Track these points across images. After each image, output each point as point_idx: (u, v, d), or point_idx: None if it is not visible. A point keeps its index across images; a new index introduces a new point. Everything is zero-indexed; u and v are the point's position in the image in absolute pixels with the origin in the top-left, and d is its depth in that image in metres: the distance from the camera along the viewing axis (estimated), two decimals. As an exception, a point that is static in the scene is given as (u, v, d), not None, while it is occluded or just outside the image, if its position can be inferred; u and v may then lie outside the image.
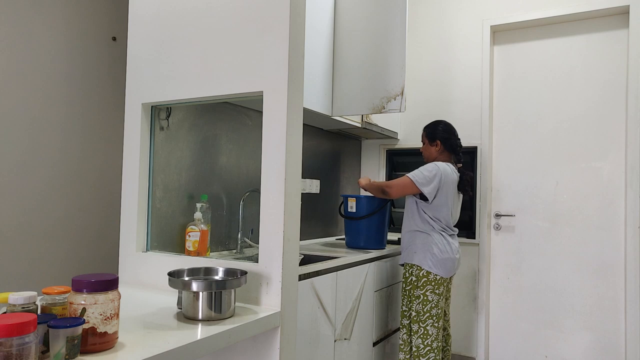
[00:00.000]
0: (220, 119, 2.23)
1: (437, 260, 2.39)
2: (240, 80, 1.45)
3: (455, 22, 3.38)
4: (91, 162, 1.88)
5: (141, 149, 1.67)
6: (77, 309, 0.93)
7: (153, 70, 1.63)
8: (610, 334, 2.92)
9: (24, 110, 1.67)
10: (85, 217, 1.86)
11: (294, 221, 1.41)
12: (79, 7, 1.84)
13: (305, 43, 2.33)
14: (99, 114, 1.91)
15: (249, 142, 2.42)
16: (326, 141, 3.23)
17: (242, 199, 2.28)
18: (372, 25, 2.66)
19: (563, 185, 3.09)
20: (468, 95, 3.31)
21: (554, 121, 3.13)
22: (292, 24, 1.38)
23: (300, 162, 1.43)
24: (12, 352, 0.74)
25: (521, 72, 3.25)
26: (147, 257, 1.62)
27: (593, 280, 2.97)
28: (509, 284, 3.21)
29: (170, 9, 1.61)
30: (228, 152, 2.29)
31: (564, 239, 3.06)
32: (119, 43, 1.97)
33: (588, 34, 3.07)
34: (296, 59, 1.40)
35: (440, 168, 2.42)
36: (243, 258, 2.13)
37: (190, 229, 1.85)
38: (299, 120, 1.43)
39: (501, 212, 3.26)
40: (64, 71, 1.79)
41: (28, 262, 1.67)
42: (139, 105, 1.67)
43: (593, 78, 3.04)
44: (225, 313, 1.22)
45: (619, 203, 2.93)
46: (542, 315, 3.09)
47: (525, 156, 3.21)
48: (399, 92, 2.57)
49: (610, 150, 2.97)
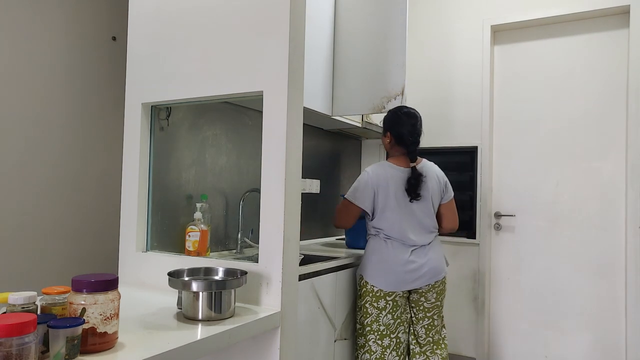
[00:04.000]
0: (220, 119, 2.23)
1: (374, 270, 2.12)
2: (240, 80, 1.45)
3: (455, 21, 3.38)
4: (91, 162, 1.88)
5: (141, 148, 1.67)
6: (77, 309, 0.92)
7: (153, 70, 1.63)
8: (610, 334, 2.92)
9: (24, 110, 1.67)
10: (85, 217, 1.86)
11: (294, 221, 1.40)
12: (79, 7, 1.84)
13: (306, 42, 2.33)
14: (99, 113, 1.91)
15: (249, 142, 2.42)
16: (326, 141, 3.23)
17: (242, 199, 2.28)
18: (372, 24, 2.66)
19: (563, 185, 3.08)
20: (468, 95, 3.31)
21: (555, 121, 3.13)
22: (292, 23, 1.38)
23: (300, 162, 1.43)
24: (12, 352, 0.73)
25: (521, 72, 3.25)
26: (147, 257, 1.62)
27: (593, 281, 2.97)
28: (509, 284, 3.20)
29: (170, 8, 1.61)
30: (228, 152, 2.28)
31: (564, 239, 3.06)
32: (119, 43, 1.97)
33: (588, 34, 3.07)
34: (296, 58, 1.40)
35: (369, 174, 2.14)
36: (243, 258, 2.13)
37: (190, 229, 1.85)
38: (299, 120, 1.43)
39: (501, 212, 3.26)
40: (64, 71, 1.79)
41: (28, 262, 1.67)
42: (139, 105, 1.66)
43: (593, 78, 3.04)
44: (225, 313, 1.22)
45: (620, 203, 2.93)
46: (542, 316, 3.09)
47: (525, 156, 3.21)
48: (399, 92, 2.57)
49: (611, 150, 2.97)
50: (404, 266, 2.11)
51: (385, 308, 2.11)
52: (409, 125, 2.19)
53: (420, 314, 2.22)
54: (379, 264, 2.12)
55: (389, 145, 2.25)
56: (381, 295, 2.11)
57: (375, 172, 2.15)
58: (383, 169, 2.16)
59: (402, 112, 2.23)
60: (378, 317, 2.12)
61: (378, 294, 2.11)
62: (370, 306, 2.13)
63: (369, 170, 2.16)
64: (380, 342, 2.12)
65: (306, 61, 2.41)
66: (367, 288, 2.14)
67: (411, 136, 2.18)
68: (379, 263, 2.12)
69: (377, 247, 2.15)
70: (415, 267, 2.12)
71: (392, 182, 2.13)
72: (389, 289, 2.11)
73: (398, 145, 2.21)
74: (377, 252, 2.14)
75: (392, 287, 2.11)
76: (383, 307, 2.11)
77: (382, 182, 2.12)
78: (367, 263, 2.16)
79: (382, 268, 2.11)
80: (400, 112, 2.24)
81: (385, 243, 2.14)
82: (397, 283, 2.11)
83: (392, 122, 2.23)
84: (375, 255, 2.14)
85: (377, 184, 2.12)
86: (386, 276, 2.11)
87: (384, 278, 2.11)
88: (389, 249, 2.13)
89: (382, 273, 2.11)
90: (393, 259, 2.11)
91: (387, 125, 2.25)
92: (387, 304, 2.12)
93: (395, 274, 2.10)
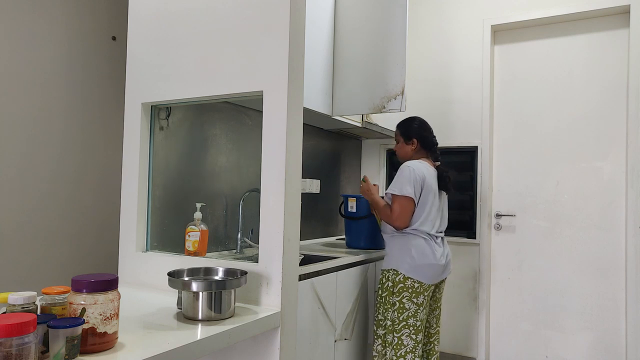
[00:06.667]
0: (220, 119, 2.23)
1: (416, 265, 2.16)
2: (240, 80, 1.45)
3: (455, 21, 3.38)
4: (91, 162, 1.88)
5: (141, 148, 1.67)
6: (77, 309, 0.92)
7: (153, 70, 1.63)
8: (610, 334, 2.92)
9: (24, 110, 1.66)
10: (85, 217, 1.86)
11: (294, 221, 1.40)
12: (79, 6, 1.84)
13: (306, 42, 2.33)
14: (98, 113, 1.91)
15: (249, 142, 2.42)
16: (326, 141, 3.23)
17: (242, 199, 2.28)
18: (372, 24, 2.66)
19: (563, 185, 3.08)
20: (468, 94, 3.31)
21: (555, 121, 3.13)
22: (292, 23, 1.38)
23: (300, 162, 1.43)
24: (12, 352, 0.73)
25: (522, 72, 3.25)
26: (147, 257, 1.62)
27: (593, 280, 2.97)
28: (510, 284, 3.20)
29: (170, 8, 1.61)
30: (228, 152, 2.28)
31: (564, 239, 3.06)
32: (119, 43, 1.97)
33: (589, 34, 3.07)
34: (296, 58, 1.40)
35: (415, 168, 2.23)
36: (243, 258, 2.13)
37: (190, 229, 1.85)
38: (299, 120, 1.43)
39: (502, 212, 3.26)
40: (64, 71, 1.79)
41: (28, 262, 1.67)
42: (139, 104, 1.66)
43: (593, 77, 3.04)
44: (225, 313, 1.22)
45: (620, 203, 2.93)
46: (542, 315, 3.09)
47: (525, 156, 3.21)
48: (399, 92, 2.57)
49: (611, 150, 2.97)
50: (440, 259, 2.22)
51: (422, 304, 2.19)
52: (431, 131, 2.42)
53: (435, 304, 2.36)
54: (420, 258, 2.17)
55: (413, 150, 2.38)
56: (421, 290, 2.17)
57: (418, 167, 2.25)
58: (422, 165, 2.27)
59: (424, 121, 2.43)
60: (416, 312, 2.16)
61: (419, 289, 2.16)
62: (408, 302, 2.16)
63: (410, 165, 2.24)
64: (415, 337, 2.17)
65: (306, 61, 2.41)
66: (406, 284, 2.16)
67: (436, 143, 2.43)
68: (420, 257, 2.17)
69: (414, 241, 2.20)
70: (445, 261, 2.26)
71: (428, 179, 2.26)
72: (430, 282, 2.19)
73: (423, 150, 2.39)
74: (415, 246, 2.19)
75: (433, 279, 2.20)
76: (421, 303, 2.18)
77: (424, 178, 2.24)
78: (405, 257, 2.19)
79: (424, 262, 2.17)
80: (425, 121, 2.43)
81: (422, 239, 2.21)
82: (437, 275, 2.22)
83: (418, 129, 2.39)
84: (415, 249, 2.18)
85: (423, 178, 2.23)
86: (429, 270, 2.18)
87: (427, 272, 2.17)
88: (427, 243, 2.20)
89: (424, 267, 2.17)
90: (430, 252, 2.19)
91: (413, 133, 2.38)
92: (425, 299, 2.19)
93: (435, 267, 2.19)
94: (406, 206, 2.20)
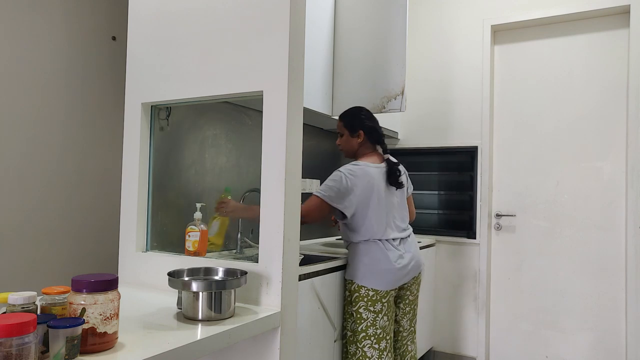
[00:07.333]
0: (220, 119, 2.23)
1: (369, 272, 2.05)
2: (240, 80, 1.45)
3: (455, 21, 3.38)
4: (91, 162, 1.88)
5: (141, 148, 1.67)
6: (77, 309, 0.92)
7: (153, 70, 1.63)
8: (610, 334, 2.92)
9: (24, 110, 1.67)
10: (85, 217, 1.86)
11: (294, 221, 1.40)
12: (79, 6, 1.84)
13: (306, 42, 2.33)
14: (98, 113, 1.91)
15: (249, 142, 2.42)
16: (326, 141, 3.23)
17: (242, 199, 2.28)
18: (372, 24, 2.66)
19: (564, 185, 3.08)
20: (468, 94, 3.31)
21: (555, 121, 3.13)
22: (292, 23, 1.38)
23: (300, 162, 1.43)
24: (12, 352, 0.73)
25: (522, 72, 3.25)
26: (147, 257, 1.62)
27: (594, 280, 2.97)
28: (510, 284, 3.20)
29: (170, 8, 1.61)
30: (228, 152, 2.28)
31: (564, 239, 3.06)
32: (119, 43, 1.97)
33: (589, 34, 3.07)
34: (296, 58, 1.40)
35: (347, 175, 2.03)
36: (243, 258, 2.13)
37: (190, 229, 1.85)
38: (299, 120, 1.43)
39: (501, 212, 3.26)
40: (64, 71, 1.79)
41: (28, 262, 1.67)
42: (139, 105, 1.66)
43: (593, 78, 3.04)
44: (225, 313, 1.22)
45: (620, 203, 2.93)
46: (542, 316, 3.09)
47: (525, 156, 3.21)
48: (399, 92, 2.57)
49: (611, 150, 2.97)
50: (396, 262, 2.07)
51: (381, 311, 2.06)
52: (376, 121, 2.24)
53: (407, 307, 2.24)
54: (372, 265, 2.05)
55: (359, 144, 2.20)
56: (377, 298, 2.04)
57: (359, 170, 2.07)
58: (363, 170, 2.08)
59: (365, 110, 2.25)
60: (375, 321, 2.05)
61: (374, 297, 2.04)
62: (365, 311, 2.05)
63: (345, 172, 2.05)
64: (377, 346, 2.05)
65: (306, 61, 2.41)
66: (360, 292, 2.06)
67: (381, 130, 2.24)
68: (372, 264, 2.05)
69: (365, 248, 2.08)
70: (405, 262, 2.11)
71: (374, 179, 2.08)
72: (387, 289, 2.06)
73: (369, 142, 2.22)
74: (367, 252, 2.07)
75: (390, 285, 2.06)
76: (379, 310, 2.05)
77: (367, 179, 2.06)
78: (359, 266, 2.07)
79: (377, 268, 2.05)
80: (368, 110, 2.26)
81: (372, 243, 2.08)
82: (394, 281, 2.08)
83: (362, 119, 2.20)
84: (366, 257, 2.06)
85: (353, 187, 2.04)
86: (382, 276, 2.05)
87: (380, 278, 2.05)
88: (378, 247, 2.07)
89: (377, 274, 2.05)
90: (385, 257, 2.06)
91: (357, 124, 2.20)
92: (383, 305, 2.06)
93: (390, 272, 2.06)
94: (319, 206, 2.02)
